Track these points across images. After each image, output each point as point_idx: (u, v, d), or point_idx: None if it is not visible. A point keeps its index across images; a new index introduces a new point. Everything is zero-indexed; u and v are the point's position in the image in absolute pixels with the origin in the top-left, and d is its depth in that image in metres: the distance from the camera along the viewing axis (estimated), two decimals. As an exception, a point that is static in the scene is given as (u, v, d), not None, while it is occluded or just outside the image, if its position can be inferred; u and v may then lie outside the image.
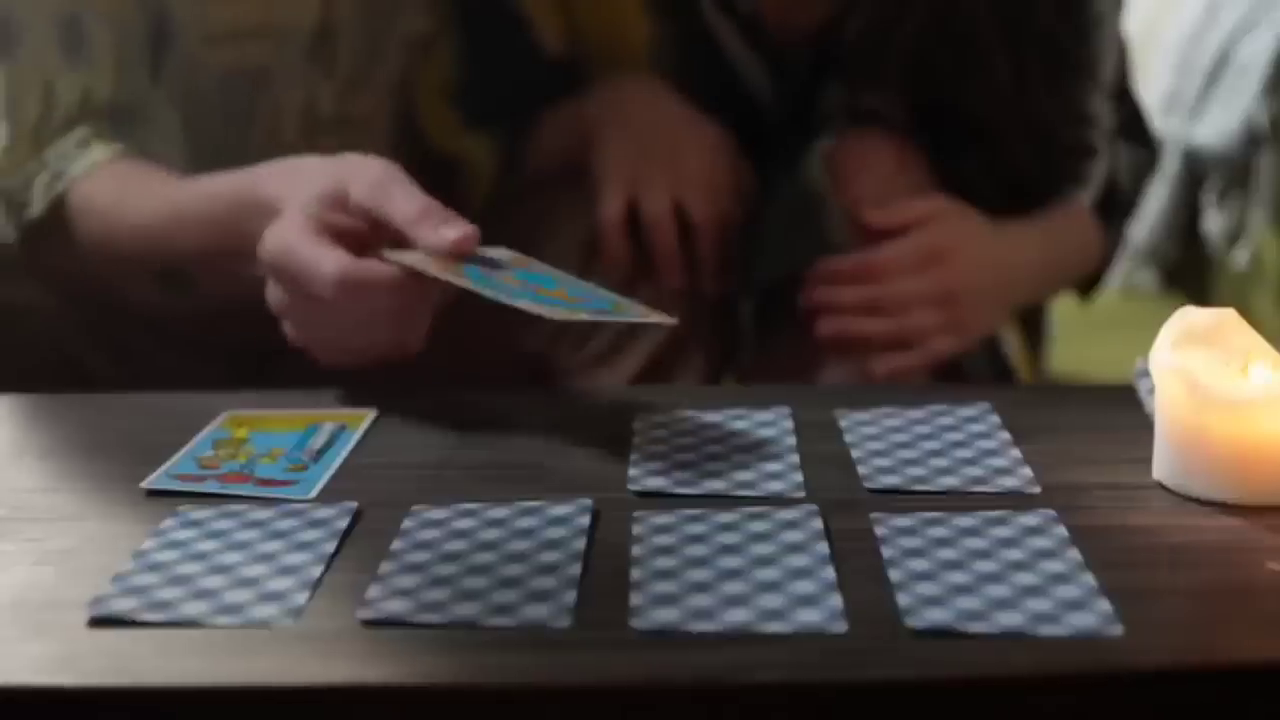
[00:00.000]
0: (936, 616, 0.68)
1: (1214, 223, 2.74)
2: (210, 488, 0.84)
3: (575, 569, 0.73)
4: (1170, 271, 2.81)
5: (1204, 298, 2.59)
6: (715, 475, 0.84)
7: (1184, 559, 0.74)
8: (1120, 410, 0.92)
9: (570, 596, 0.70)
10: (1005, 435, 0.89)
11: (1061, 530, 0.76)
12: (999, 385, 1.34)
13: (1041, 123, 1.30)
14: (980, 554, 0.74)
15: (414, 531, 0.78)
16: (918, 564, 0.73)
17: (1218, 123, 2.69)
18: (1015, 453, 0.87)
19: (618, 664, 0.66)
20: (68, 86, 1.14)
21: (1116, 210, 1.39)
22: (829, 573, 0.72)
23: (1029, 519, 0.77)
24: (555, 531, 0.77)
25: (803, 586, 0.71)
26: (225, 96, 1.21)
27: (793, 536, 0.76)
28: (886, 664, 0.65)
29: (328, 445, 0.90)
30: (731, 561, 0.73)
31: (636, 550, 0.75)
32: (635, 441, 0.90)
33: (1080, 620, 0.67)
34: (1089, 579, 0.71)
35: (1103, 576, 0.71)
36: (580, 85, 1.35)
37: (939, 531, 0.76)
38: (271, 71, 1.22)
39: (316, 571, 0.74)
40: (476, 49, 1.35)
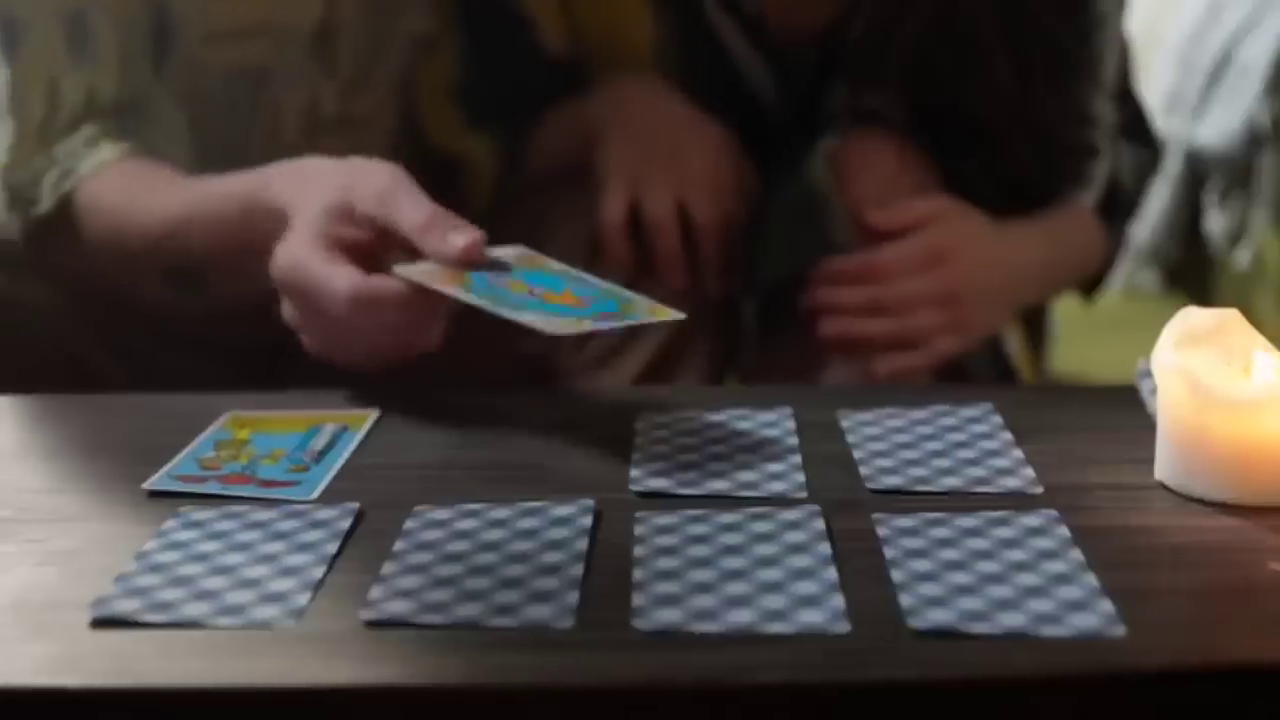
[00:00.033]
0: (939, 617, 0.68)
1: (1216, 223, 2.74)
2: (212, 489, 0.84)
3: (577, 570, 0.73)
4: (1172, 272, 2.81)
5: (1206, 298, 2.59)
6: (717, 476, 0.84)
7: (1186, 559, 0.74)
8: (1122, 410, 0.92)
9: (572, 597, 0.70)
10: (1007, 435, 0.89)
11: (1064, 531, 0.76)
12: (1001, 385, 1.34)
13: (1043, 123, 1.30)
14: (982, 554, 0.74)
15: (416, 532, 0.78)
16: (920, 564, 0.73)
17: (1220, 123, 2.69)
18: (1017, 453, 0.87)
19: (620, 665, 0.66)
20: (73, 84, 1.14)
21: (1119, 210, 1.39)
22: (831, 573, 0.72)
23: (1031, 519, 0.77)
24: (557, 532, 0.77)
25: (805, 587, 0.71)
26: (226, 96, 1.21)
27: (795, 537, 0.76)
28: (889, 665, 0.65)
29: (330, 446, 0.90)
30: (734, 562, 0.73)
31: (639, 551, 0.75)
32: (637, 442, 0.90)
33: (1082, 621, 0.67)
34: (1091, 579, 0.71)
35: (1105, 577, 0.71)
36: (582, 85, 1.35)
37: (941, 532, 0.76)
38: (272, 71, 1.22)
39: (319, 572, 0.74)
40: (478, 49, 1.35)
